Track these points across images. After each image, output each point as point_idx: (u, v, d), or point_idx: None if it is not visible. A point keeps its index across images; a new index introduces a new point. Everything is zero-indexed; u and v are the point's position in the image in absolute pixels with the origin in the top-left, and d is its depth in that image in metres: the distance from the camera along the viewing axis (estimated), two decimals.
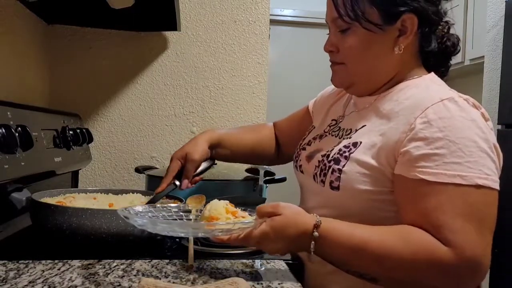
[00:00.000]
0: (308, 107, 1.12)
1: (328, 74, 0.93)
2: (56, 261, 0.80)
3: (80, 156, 1.37)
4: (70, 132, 1.28)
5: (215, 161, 1.08)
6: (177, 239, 0.97)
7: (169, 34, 1.72)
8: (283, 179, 1.39)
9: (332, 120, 0.98)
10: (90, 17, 1.58)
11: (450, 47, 0.90)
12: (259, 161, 1.23)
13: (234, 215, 0.79)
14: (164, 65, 1.73)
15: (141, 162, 1.71)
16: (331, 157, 0.85)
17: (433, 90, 0.81)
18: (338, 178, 0.81)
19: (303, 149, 0.99)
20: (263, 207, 0.77)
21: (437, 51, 0.89)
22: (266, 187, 1.35)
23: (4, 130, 0.87)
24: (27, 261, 0.79)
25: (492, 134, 0.77)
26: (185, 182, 0.98)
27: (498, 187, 0.72)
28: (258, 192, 1.26)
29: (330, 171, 0.83)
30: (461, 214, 0.69)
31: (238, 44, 1.76)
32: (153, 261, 0.82)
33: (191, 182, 1.00)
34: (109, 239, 0.84)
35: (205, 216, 0.78)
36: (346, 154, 0.82)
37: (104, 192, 1.07)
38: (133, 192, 1.08)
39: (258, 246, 0.76)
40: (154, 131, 1.74)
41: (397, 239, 0.70)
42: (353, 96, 0.96)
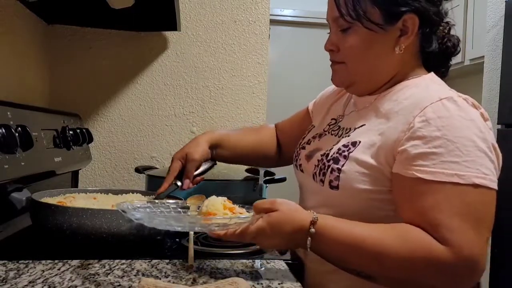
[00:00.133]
0: (308, 108, 1.13)
1: (328, 74, 0.93)
2: (56, 261, 0.80)
3: (80, 156, 1.37)
4: (70, 132, 1.28)
5: (216, 162, 1.08)
6: (177, 239, 0.97)
7: (169, 34, 1.72)
8: (283, 179, 1.40)
9: (332, 119, 0.98)
10: (90, 17, 1.58)
11: (451, 48, 0.90)
12: (260, 163, 1.23)
13: (232, 211, 0.79)
14: (164, 65, 1.73)
15: (141, 162, 1.71)
16: (330, 157, 0.85)
17: (433, 90, 0.81)
18: (337, 178, 0.81)
19: (303, 148, 0.99)
20: (260, 203, 0.77)
21: (438, 52, 0.89)
22: (266, 187, 1.35)
23: (4, 130, 0.87)
24: (27, 261, 0.79)
25: (491, 134, 0.76)
26: (186, 182, 0.98)
27: (496, 187, 0.72)
28: (258, 192, 1.26)
29: (330, 171, 0.83)
30: (459, 213, 0.69)
31: (238, 44, 1.76)
32: (153, 261, 0.82)
33: (193, 182, 1.00)
34: (109, 239, 0.84)
35: (203, 212, 0.78)
36: (345, 154, 0.82)
37: (104, 192, 1.08)
38: (133, 192, 1.08)
39: (254, 242, 0.76)
40: (154, 131, 1.74)
41: (395, 237, 0.70)
42: (353, 96, 0.96)
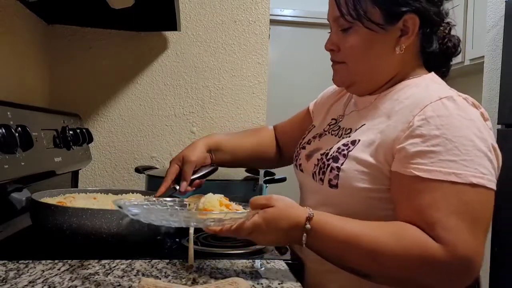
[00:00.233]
0: (309, 108, 1.13)
1: (329, 74, 0.93)
2: (56, 261, 0.80)
3: (80, 156, 1.37)
4: (70, 132, 1.27)
5: (217, 167, 1.07)
6: (177, 239, 0.97)
7: (169, 34, 1.72)
8: (283, 179, 1.40)
9: (332, 120, 0.98)
10: (90, 17, 1.58)
11: (451, 48, 0.90)
12: (261, 165, 1.23)
13: (228, 208, 0.79)
14: (164, 65, 1.73)
15: (141, 162, 1.71)
16: (330, 156, 0.85)
17: (433, 89, 0.81)
18: (337, 176, 0.81)
19: (303, 148, 0.99)
20: (256, 199, 0.77)
21: (438, 52, 0.89)
22: (266, 187, 1.35)
23: (4, 130, 0.87)
24: (27, 261, 0.79)
25: (491, 134, 0.76)
26: (184, 185, 0.96)
27: (495, 187, 0.72)
28: (258, 192, 1.26)
29: (329, 170, 0.83)
30: (455, 212, 0.69)
31: (238, 44, 1.76)
32: (153, 261, 0.82)
33: (191, 186, 0.98)
34: (109, 239, 0.84)
35: (199, 209, 0.78)
36: (345, 152, 0.82)
37: (104, 192, 1.07)
38: (133, 192, 1.08)
39: (250, 238, 0.76)
40: (154, 131, 1.74)
41: (390, 235, 0.71)
42: (354, 96, 0.96)
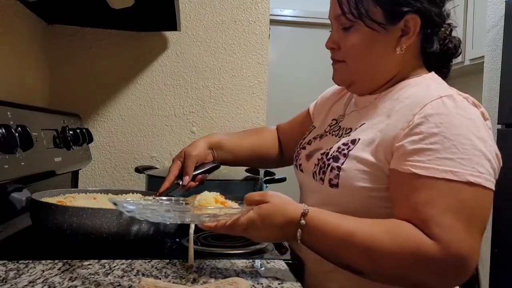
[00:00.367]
0: (309, 110, 1.13)
1: (328, 74, 0.93)
2: (56, 261, 0.80)
3: (80, 156, 1.37)
4: (70, 132, 1.27)
5: (219, 165, 1.07)
6: (177, 239, 0.97)
7: (169, 34, 1.72)
8: (283, 179, 1.39)
9: (333, 120, 0.98)
10: (90, 17, 1.58)
11: (452, 49, 0.90)
12: (262, 164, 1.23)
13: (224, 205, 0.79)
14: (164, 65, 1.73)
15: (141, 162, 1.71)
16: (330, 155, 0.85)
17: (433, 89, 0.81)
18: (337, 176, 0.81)
19: (303, 148, 0.99)
20: (251, 195, 0.77)
21: (439, 53, 0.89)
22: (266, 187, 1.35)
23: (4, 130, 0.87)
24: (27, 261, 0.79)
25: (490, 134, 0.76)
26: (186, 179, 0.97)
27: (493, 187, 0.72)
28: None
29: (329, 169, 0.83)
30: (451, 210, 0.69)
31: (238, 44, 1.76)
32: (153, 261, 0.82)
33: (194, 181, 0.99)
34: (109, 239, 0.84)
35: (195, 206, 0.79)
36: (345, 152, 0.82)
37: (104, 192, 1.07)
38: (133, 192, 1.07)
39: (245, 234, 0.75)
40: (154, 131, 1.74)
41: (385, 232, 0.70)
42: (354, 96, 0.96)
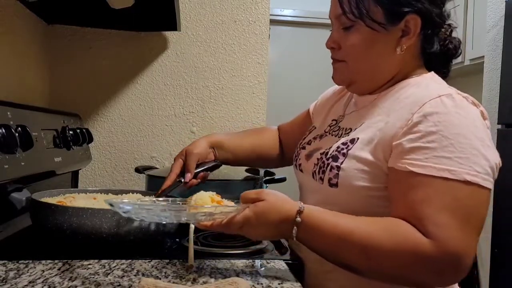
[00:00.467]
0: (309, 110, 1.13)
1: (329, 74, 0.93)
2: (56, 261, 0.80)
3: (80, 156, 1.37)
4: (70, 132, 1.27)
5: (221, 164, 1.07)
6: (177, 239, 0.97)
7: (169, 34, 1.72)
8: (283, 179, 1.40)
9: (333, 120, 0.98)
10: (90, 17, 1.58)
11: (452, 50, 0.90)
12: (263, 164, 1.23)
13: (219, 204, 0.79)
14: (164, 65, 1.73)
15: (141, 162, 1.71)
16: (330, 155, 0.85)
17: (433, 88, 0.81)
18: (337, 175, 0.81)
19: (303, 148, 0.99)
20: (247, 193, 0.77)
21: (439, 53, 0.89)
22: (266, 187, 1.35)
23: (4, 130, 0.87)
24: (27, 261, 0.79)
25: (489, 133, 0.76)
26: (188, 176, 0.97)
27: (490, 186, 0.72)
28: None
29: (329, 169, 0.83)
30: (447, 209, 0.69)
31: (238, 44, 1.76)
32: (153, 261, 0.82)
33: (195, 178, 0.99)
34: (109, 239, 0.84)
35: (191, 205, 0.79)
36: (344, 151, 0.82)
37: (104, 192, 1.07)
38: (133, 192, 1.07)
39: (241, 232, 0.76)
40: (154, 131, 1.74)
41: (381, 230, 0.71)
42: (354, 96, 0.96)
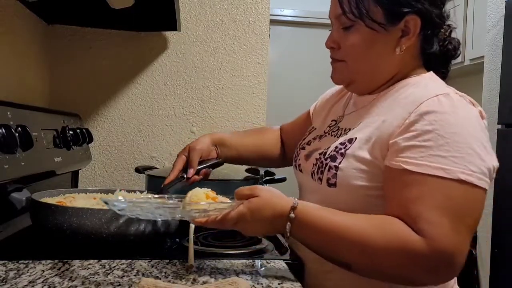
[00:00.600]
0: (310, 111, 1.13)
1: (329, 74, 0.93)
2: (56, 261, 0.80)
3: (80, 156, 1.37)
4: (70, 132, 1.27)
5: (223, 162, 1.08)
6: (177, 239, 0.97)
7: (169, 34, 1.72)
8: (283, 179, 1.40)
9: (332, 121, 0.98)
10: (90, 17, 1.58)
11: (451, 51, 0.90)
12: (265, 164, 1.23)
13: (214, 201, 0.79)
14: (164, 65, 1.73)
15: (141, 162, 1.71)
16: (328, 155, 0.85)
17: (430, 88, 0.81)
18: (335, 175, 0.82)
19: (303, 149, 0.99)
20: (241, 190, 0.78)
21: (438, 54, 0.89)
22: None
23: (4, 130, 0.87)
24: (27, 261, 0.79)
25: (486, 133, 0.76)
26: (191, 171, 0.98)
27: (486, 186, 0.72)
28: None
29: (327, 169, 0.83)
30: (440, 207, 0.69)
31: (238, 44, 1.76)
32: (153, 261, 0.82)
33: (198, 174, 1.00)
34: (109, 239, 0.84)
35: (185, 202, 0.79)
36: (342, 151, 0.82)
37: (104, 192, 1.07)
38: (134, 192, 1.07)
39: (235, 227, 0.76)
40: (154, 131, 1.74)
41: (374, 228, 0.71)
42: (353, 96, 0.96)
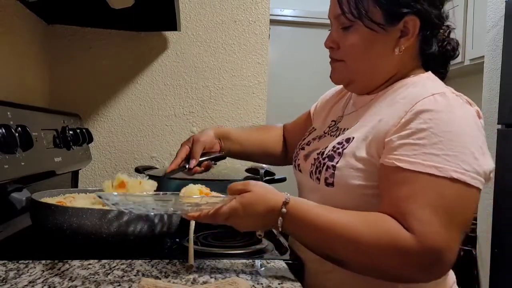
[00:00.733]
0: (310, 111, 1.14)
1: (328, 74, 0.93)
2: (56, 261, 0.80)
3: (80, 156, 1.37)
4: (70, 132, 1.27)
5: (225, 156, 1.09)
6: (177, 239, 0.97)
7: (169, 34, 1.72)
8: (283, 179, 1.39)
9: (332, 121, 0.99)
10: (90, 17, 1.58)
11: (450, 51, 0.90)
12: (268, 161, 1.24)
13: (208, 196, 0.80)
14: (164, 65, 1.73)
15: (141, 162, 1.71)
16: (326, 154, 0.85)
17: (427, 87, 0.81)
18: (333, 175, 0.82)
19: (302, 149, 0.99)
20: (234, 185, 0.78)
21: (437, 54, 0.89)
22: None
23: (4, 130, 0.87)
24: (27, 261, 0.79)
25: (483, 133, 0.77)
26: (193, 162, 0.99)
27: (479, 186, 0.71)
28: None
29: (325, 168, 0.84)
30: (431, 205, 0.69)
31: (238, 44, 1.76)
32: (153, 261, 0.82)
33: (200, 166, 1.00)
34: (109, 239, 0.84)
35: (177, 196, 0.79)
36: (340, 151, 0.83)
37: None
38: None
39: (227, 222, 0.76)
40: (154, 131, 1.74)
41: (364, 223, 0.71)
42: (353, 97, 0.96)
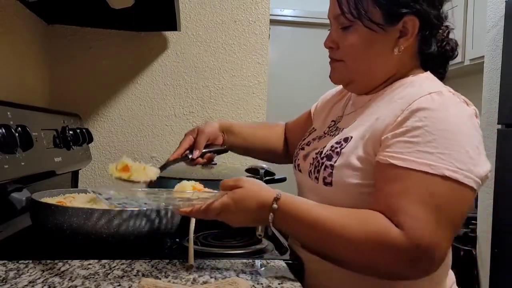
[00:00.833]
0: (311, 111, 1.14)
1: (328, 74, 0.93)
2: (56, 261, 0.80)
3: (80, 156, 1.37)
4: (70, 132, 1.27)
5: (228, 150, 1.10)
6: (177, 239, 0.97)
7: (169, 34, 1.72)
8: (283, 179, 1.39)
9: (332, 122, 0.99)
10: (90, 17, 1.58)
11: (449, 52, 0.91)
12: (269, 157, 1.24)
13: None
14: (164, 65, 1.73)
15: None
16: (324, 154, 0.86)
17: (425, 86, 0.81)
18: (331, 174, 0.82)
19: (302, 149, 0.99)
20: (226, 181, 0.79)
21: (436, 54, 0.89)
22: None
23: (4, 130, 0.87)
24: (27, 261, 0.79)
25: (479, 132, 0.77)
26: (196, 153, 1.00)
27: (473, 185, 0.71)
28: None
29: (323, 168, 0.84)
30: (422, 202, 0.69)
31: (238, 44, 1.76)
32: (153, 261, 0.82)
33: (202, 157, 1.01)
34: (109, 239, 0.84)
35: (169, 191, 0.80)
36: (338, 150, 0.83)
37: None
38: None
39: (219, 217, 0.77)
40: (154, 131, 1.74)
41: (354, 220, 0.72)
42: (352, 97, 0.96)
